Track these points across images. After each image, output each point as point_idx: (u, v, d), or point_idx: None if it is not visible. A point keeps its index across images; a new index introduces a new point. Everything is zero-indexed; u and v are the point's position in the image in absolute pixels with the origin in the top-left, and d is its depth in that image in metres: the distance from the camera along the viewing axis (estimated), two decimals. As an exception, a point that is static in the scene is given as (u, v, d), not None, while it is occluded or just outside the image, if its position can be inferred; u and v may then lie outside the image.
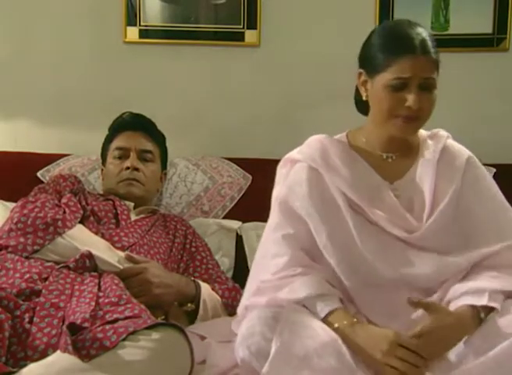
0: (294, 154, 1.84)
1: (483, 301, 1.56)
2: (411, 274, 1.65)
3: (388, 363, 1.48)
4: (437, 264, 1.65)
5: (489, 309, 1.57)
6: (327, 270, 1.67)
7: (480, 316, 1.55)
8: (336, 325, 1.55)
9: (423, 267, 1.65)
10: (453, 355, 1.52)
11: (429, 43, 1.67)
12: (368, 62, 1.72)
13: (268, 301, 1.62)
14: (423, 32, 1.68)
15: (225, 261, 2.36)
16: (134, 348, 1.47)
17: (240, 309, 1.75)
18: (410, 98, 1.65)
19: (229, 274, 2.33)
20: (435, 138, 1.82)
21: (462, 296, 1.60)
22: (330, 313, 1.58)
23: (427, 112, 1.69)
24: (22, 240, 1.89)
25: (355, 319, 1.57)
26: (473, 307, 1.56)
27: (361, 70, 1.74)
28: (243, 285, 2.03)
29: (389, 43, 1.68)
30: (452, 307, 1.60)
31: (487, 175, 1.81)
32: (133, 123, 2.36)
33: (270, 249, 1.73)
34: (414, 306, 1.56)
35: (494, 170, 2.34)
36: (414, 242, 1.69)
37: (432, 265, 1.65)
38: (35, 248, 1.89)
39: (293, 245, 1.69)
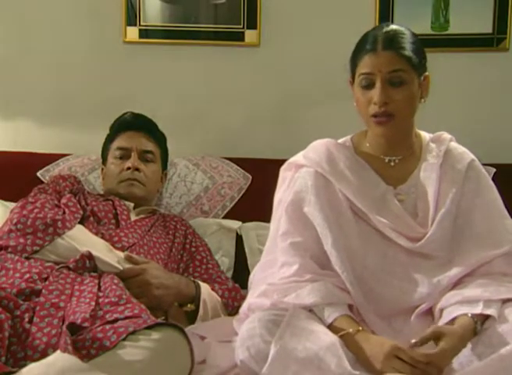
0: (299, 158, 1.83)
1: (477, 309, 1.56)
2: (408, 295, 1.65)
3: (386, 373, 1.47)
4: (433, 282, 1.65)
5: (484, 317, 1.57)
6: (338, 275, 1.66)
7: (476, 326, 1.55)
8: (341, 332, 1.55)
9: (420, 286, 1.66)
10: (456, 362, 1.52)
11: (399, 39, 1.67)
12: (350, 67, 1.76)
13: (272, 303, 1.62)
14: (394, 31, 1.69)
15: (225, 261, 2.36)
16: (134, 348, 1.47)
17: (243, 308, 1.75)
18: (374, 94, 1.66)
19: (229, 274, 2.33)
20: (438, 141, 1.82)
21: (456, 304, 1.60)
22: (336, 320, 1.58)
23: (398, 108, 1.68)
24: (21, 240, 1.89)
25: (360, 328, 1.57)
26: (473, 318, 1.56)
27: (350, 78, 1.78)
28: (243, 285, 2.04)
29: (357, 47, 1.73)
30: (446, 315, 1.60)
31: (488, 180, 1.80)
32: (135, 123, 2.36)
33: (279, 257, 1.73)
34: (420, 345, 1.52)
35: (494, 170, 2.34)
36: (418, 251, 1.69)
37: (428, 283, 1.65)
38: (34, 248, 1.88)
39: (302, 254, 1.69)
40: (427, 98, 1.74)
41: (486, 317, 1.57)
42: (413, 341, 1.50)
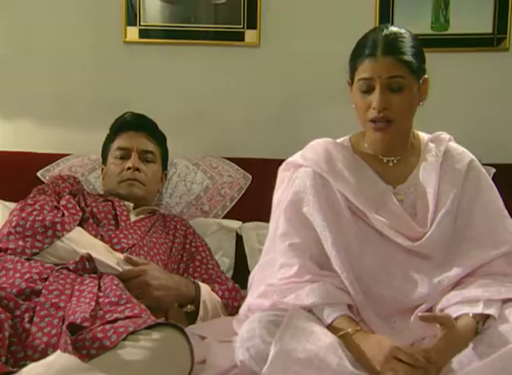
0: (297, 158, 1.82)
1: (478, 309, 1.56)
2: (408, 294, 1.66)
3: (385, 374, 1.48)
4: (433, 282, 1.65)
5: (485, 317, 1.57)
6: (338, 276, 1.66)
7: (478, 326, 1.55)
8: (341, 332, 1.55)
9: (419, 286, 1.66)
10: (456, 362, 1.52)
11: (399, 44, 1.66)
12: (348, 69, 1.75)
13: (272, 304, 1.62)
14: (394, 34, 1.67)
15: (225, 261, 2.36)
16: (134, 348, 1.47)
17: (242, 309, 1.75)
18: (373, 99, 1.66)
19: (229, 274, 2.33)
20: (436, 141, 1.81)
21: (457, 305, 1.60)
22: (336, 320, 1.58)
23: (397, 113, 1.68)
24: (21, 243, 1.89)
25: (359, 327, 1.57)
26: (474, 318, 1.56)
27: (348, 79, 1.77)
28: (243, 285, 2.04)
29: (356, 49, 1.72)
30: None
31: (488, 179, 1.80)
32: (135, 124, 2.36)
33: (278, 259, 1.72)
34: (426, 322, 1.54)
35: (494, 170, 2.34)
36: (417, 250, 1.69)
37: (428, 283, 1.65)
38: (34, 251, 1.88)
39: (301, 255, 1.69)
40: (425, 101, 1.74)
41: (487, 317, 1.57)
42: (420, 313, 1.52)
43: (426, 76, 1.72)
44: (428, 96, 1.74)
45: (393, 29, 1.70)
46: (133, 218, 2.20)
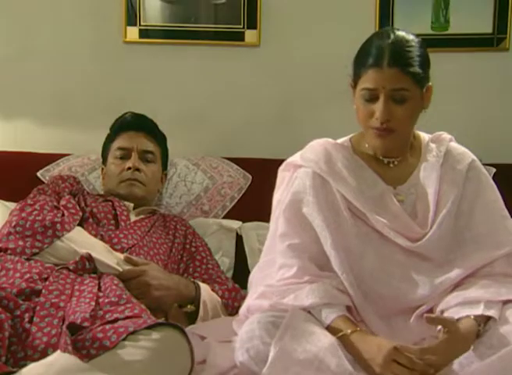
0: (297, 158, 1.82)
1: (478, 310, 1.56)
2: (408, 295, 1.65)
3: None
4: (434, 283, 1.65)
5: (486, 318, 1.57)
6: (337, 277, 1.66)
7: (479, 329, 1.55)
8: (340, 333, 1.55)
9: (420, 287, 1.65)
10: (456, 363, 1.52)
11: (406, 54, 1.63)
12: (352, 72, 1.73)
13: (271, 305, 1.62)
14: (400, 41, 1.64)
15: (225, 261, 2.36)
16: (134, 348, 1.47)
17: (242, 310, 1.75)
18: (376, 108, 1.65)
19: (229, 274, 2.33)
20: (437, 142, 1.81)
21: (457, 306, 1.60)
22: (334, 321, 1.58)
23: (400, 124, 1.67)
24: (21, 243, 1.89)
25: (358, 328, 1.56)
26: (476, 320, 1.55)
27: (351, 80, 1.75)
28: (243, 285, 2.04)
29: (361, 55, 1.69)
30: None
31: (489, 179, 1.80)
32: (136, 124, 2.36)
33: (277, 259, 1.72)
34: (431, 323, 1.53)
35: (494, 170, 2.34)
36: (417, 251, 1.69)
37: (429, 285, 1.65)
38: (34, 251, 1.89)
39: (301, 256, 1.68)
40: (427, 109, 1.73)
41: (488, 319, 1.57)
42: (425, 314, 1.52)
43: (430, 84, 1.70)
44: (429, 106, 1.72)
45: (400, 35, 1.66)
46: (133, 218, 2.20)
